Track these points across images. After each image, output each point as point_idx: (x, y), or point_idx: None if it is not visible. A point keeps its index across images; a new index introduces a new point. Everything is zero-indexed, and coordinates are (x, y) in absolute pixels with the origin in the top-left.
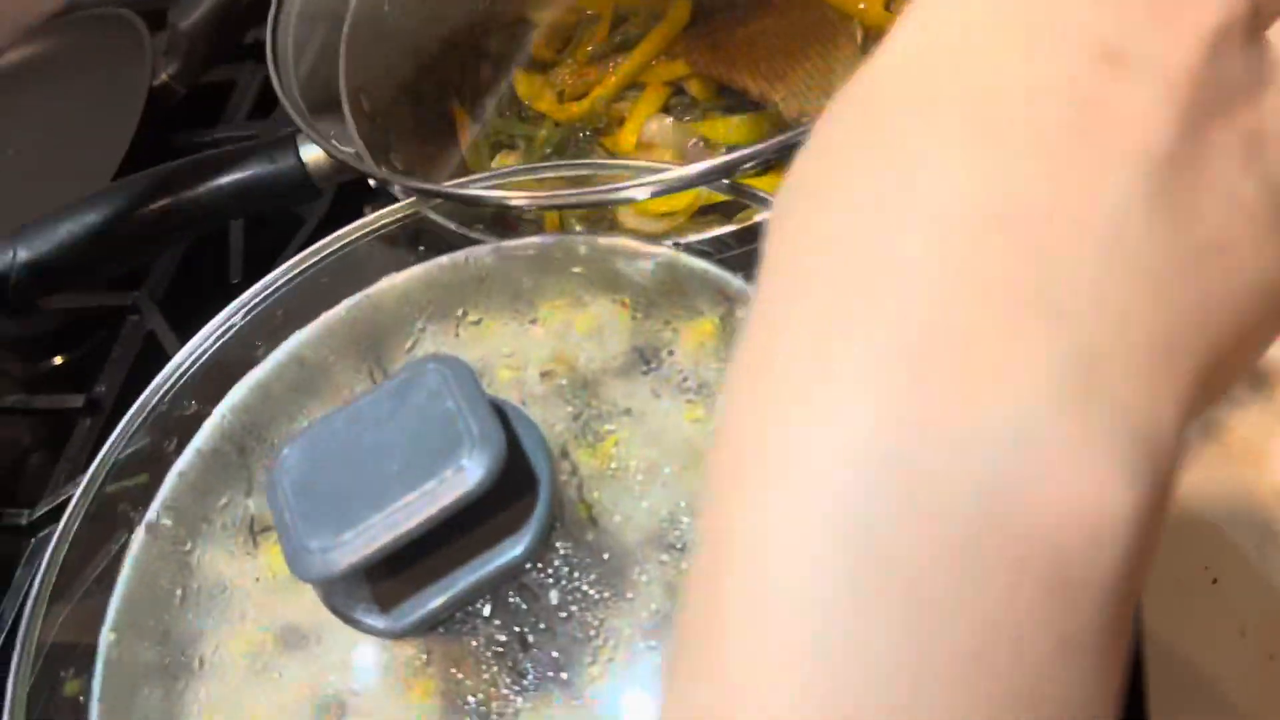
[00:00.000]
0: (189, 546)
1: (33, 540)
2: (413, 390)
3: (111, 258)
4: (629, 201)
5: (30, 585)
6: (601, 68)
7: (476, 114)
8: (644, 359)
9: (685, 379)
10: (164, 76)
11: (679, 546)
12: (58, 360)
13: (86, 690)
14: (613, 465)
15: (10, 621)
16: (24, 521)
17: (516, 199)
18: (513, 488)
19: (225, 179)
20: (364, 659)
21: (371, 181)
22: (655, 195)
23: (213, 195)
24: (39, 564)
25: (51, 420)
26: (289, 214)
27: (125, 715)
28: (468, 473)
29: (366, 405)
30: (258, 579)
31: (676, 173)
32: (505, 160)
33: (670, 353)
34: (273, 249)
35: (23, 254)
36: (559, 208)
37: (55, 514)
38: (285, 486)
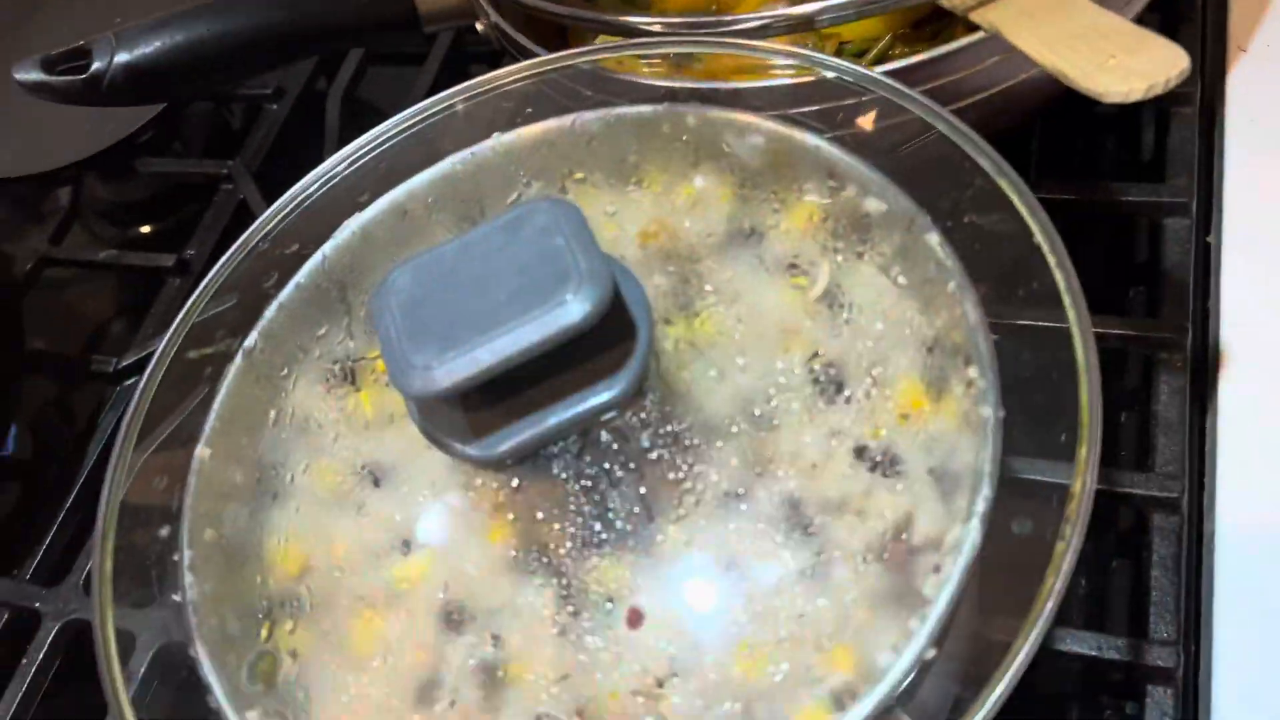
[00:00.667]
0: (285, 373)
1: (117, 388)
2: (523, 226)
3: (207, 69)
4: (743, 48)
5: (117, 426)
6: None
7: None
8: (744, 233)
9: (784, 256)
10: None
11: (763, 420)
12: (145, 229)
13: (175, 520)
14: (703, 333)
15: (93, 463)
16: (111, 369)
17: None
18: (612, 332)
19: (332, 6)
20: (443, 501)
21: (480, 26)
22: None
23: (317, 21)
24: (129, 401)
25: (141, 279)
26: (384, 99)
27: (214, 530)
28: (575, 305)
29: (477, 237)
30: (349, 413)
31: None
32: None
33: (771, 229)
34: (367, 129)
35: (122, 55)
36: (689, 43)
37: (141, 365)
38: (392, 305)
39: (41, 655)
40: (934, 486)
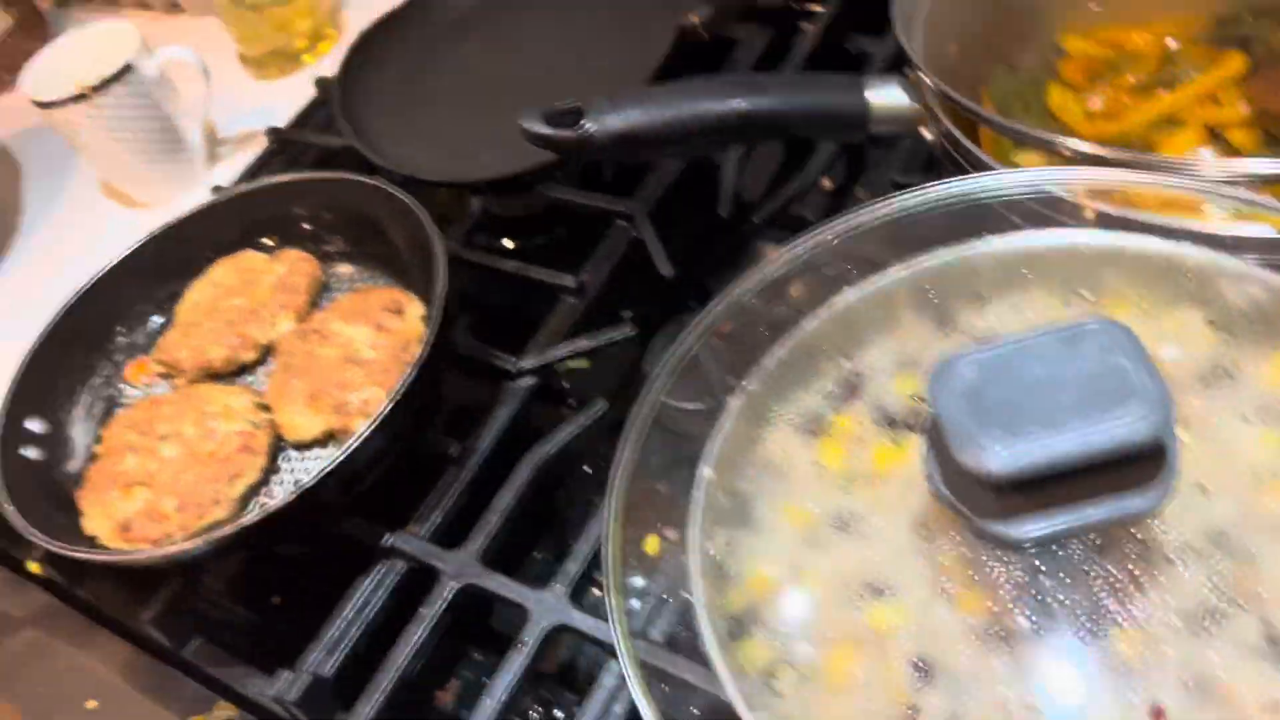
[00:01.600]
0: (777, 412)
1: (510, 385)
2: (1083, 341)
3: (673, 140)
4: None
5: (520, 420)
6: (1140, 97)
7: (1002, 108)
8: (1223, 374)
9: (1262, 404)
10: (694, 20)
11: (1245, 552)
12: (509, 243)
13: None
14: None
15: (488, 447)
16: (511, 367)
17: None
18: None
19: (793, 96)
20: (909, 560)
21: (929, 134)
22: None
23: (779, 109)
24: (644, 398)
25: (530, 292)
26: (785, 169)
27: (707, 542)
28: (1141, 423)
29: (1035, 343)
30: (824, 463)
31: None
32: (1024, 158)
33: (1251, 373)
34: (758, 194)
35: (614, 118)
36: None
37: (536, 372)
38: (955, 388)
39: (438, 610)
40: None
